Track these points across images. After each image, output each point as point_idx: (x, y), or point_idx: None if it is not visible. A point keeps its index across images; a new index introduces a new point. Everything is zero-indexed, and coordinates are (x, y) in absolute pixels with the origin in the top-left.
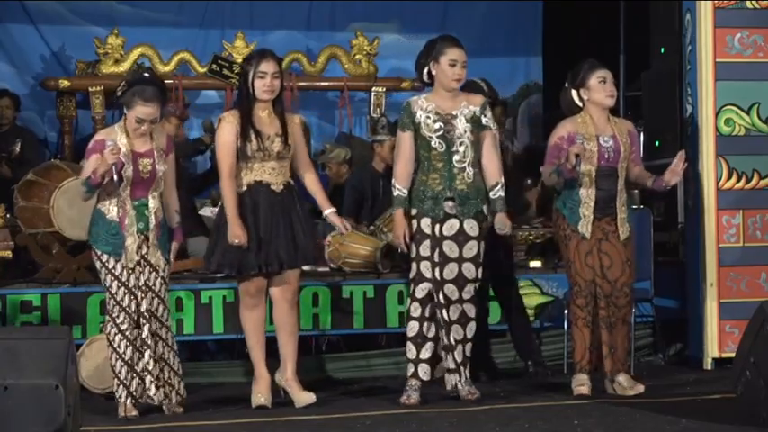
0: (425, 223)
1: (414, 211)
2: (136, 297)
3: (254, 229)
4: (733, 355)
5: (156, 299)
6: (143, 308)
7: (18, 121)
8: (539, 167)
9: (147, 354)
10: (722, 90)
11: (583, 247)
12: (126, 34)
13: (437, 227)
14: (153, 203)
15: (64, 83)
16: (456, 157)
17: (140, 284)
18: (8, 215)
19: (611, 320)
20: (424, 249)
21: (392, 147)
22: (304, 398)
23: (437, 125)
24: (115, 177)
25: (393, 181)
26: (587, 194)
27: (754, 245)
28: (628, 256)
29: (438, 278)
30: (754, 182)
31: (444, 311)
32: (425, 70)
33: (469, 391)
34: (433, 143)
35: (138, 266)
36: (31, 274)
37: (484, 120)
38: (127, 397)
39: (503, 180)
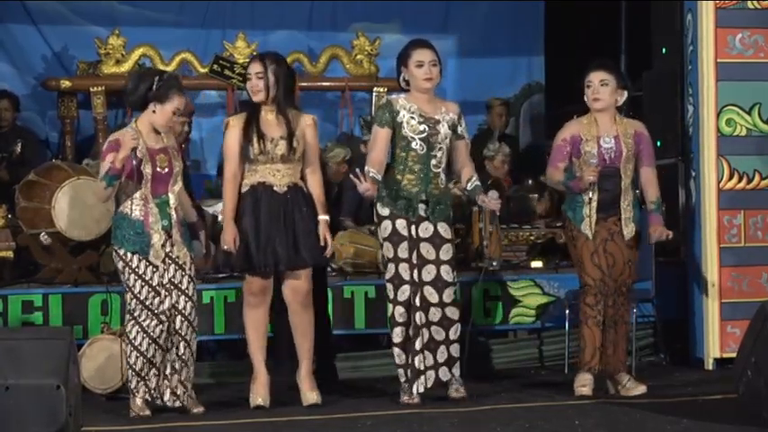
0: (401, 225)
1: (386, 211)
2: (159, 295)
3: (254, 230)
4: (734, 355)
5: (183, 296)
6: (166, 306)
7: (18, 122)
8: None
9: (172, 353)
10: (723, 90)
11: (589, 246)
12: (127, 34)
13: (413, 228)
14: (173, 199)
15: (65, 83)
16: (433, 161)
17: (164, 282)
18: (9, 215)
19: (615, 319)
20: (402, 251)
21: None
22: (308, 397)
23: (422, 127)
24: (134, 162)
25: (367, 167)
26: (590, 195)
27: (756, 245)
28: (630, 256)
29: (417, 280)
30: (755, 182)
31: (422, 314)
32: (401, 77)
33: (457, 389)
34: (413, 144)
35: (162, 264)
36: (32, 274)
37: (460, 129)
38: (145, 394)
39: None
